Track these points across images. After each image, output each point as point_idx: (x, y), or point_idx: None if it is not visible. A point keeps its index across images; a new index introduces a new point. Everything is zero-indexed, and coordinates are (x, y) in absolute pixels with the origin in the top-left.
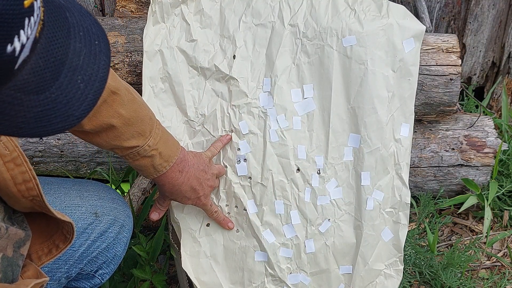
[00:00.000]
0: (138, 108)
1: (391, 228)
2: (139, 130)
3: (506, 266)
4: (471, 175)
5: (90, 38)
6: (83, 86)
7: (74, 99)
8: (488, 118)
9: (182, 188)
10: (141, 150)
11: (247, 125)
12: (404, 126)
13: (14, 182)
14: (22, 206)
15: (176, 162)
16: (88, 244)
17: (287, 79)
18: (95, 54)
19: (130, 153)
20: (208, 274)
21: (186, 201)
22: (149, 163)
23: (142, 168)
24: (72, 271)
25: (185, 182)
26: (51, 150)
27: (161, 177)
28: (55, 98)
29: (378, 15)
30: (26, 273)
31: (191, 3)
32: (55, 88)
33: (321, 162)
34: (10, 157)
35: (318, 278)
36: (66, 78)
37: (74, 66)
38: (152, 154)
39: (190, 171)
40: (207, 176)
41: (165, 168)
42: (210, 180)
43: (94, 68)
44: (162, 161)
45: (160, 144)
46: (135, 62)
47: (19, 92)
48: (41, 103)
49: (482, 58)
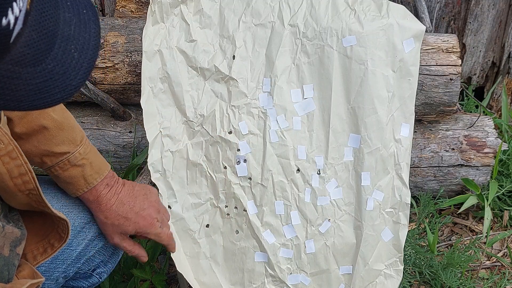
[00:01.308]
0: (69, 116)
1: (391, 228)
2: (70, 137)
3: (506, 266)
4: (471, 175)
5: (77, 7)
6: (77, 55)
7: (70, 69)
8: (488, 118)
9: (113, 204)
10: (71, 157)
11: (247, 126)
12: (404, 126)
13: (10, 175)
14: (18, 202)
15: (106, 176)
16: (85, 244)
17: (287, 79)
18: (85, 23)
19: (60, 162)
20: (208, 275)
21: (126, 223)
22: (79, 173)
23: (72, 180)
24: (69, 271)
25: (116, 197)
26: None
27: (91, 191)
28: (52, 69)
29: (378, 15)
30: (21, 272)
31: (190, 3)
32: (51, 59)
33: (321, 163)
34: (5, 151)
35: (318, 278)
36: (60, 48)
37: (67, 36)
38: (82, 163)
39: (120, 187)
40: (148, 196)
41: (95, 180)
42: (151, 202)
43: (86, 36)
44: (93, 172)
45: (90, 154)
46: (135, 62)
47: (16, 66)
48: (39, 75)
49: (482, 58)
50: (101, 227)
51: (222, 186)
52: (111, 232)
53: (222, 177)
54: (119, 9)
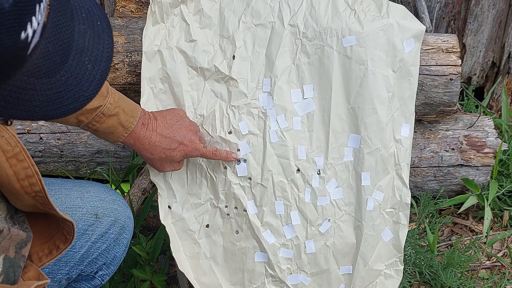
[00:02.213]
0: None
1: (391, 228)
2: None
3: (506, 266)
4: (471, 175)
5: (92, 19)
6: (91, 66)
7: (83, 80)
8: (488, 118)
9: (155, 140)
10: (104, 109)
11: (247, 126)
12: (404, 126)
13: (16, 177)
14: (24, 204)
15: (140, 116)
16: (88, 246)
17: (287, 80)
18: (99, 35)
19: (96, 116)
20: (208, 275)
21: (172, 153)
22: (116, 121)
23: (111, 129)
24: (72, 273)
25: (155, 132)
26: (51, 150)
27: (131, 135)
28: (66, 80)
29: (378, 15)
30: (27, 274)
31: (190, 3)
32: (65, 71)
33: (321, 163)
34: (13, 153)
35: (318, 278)
36: (74, 60)
37: (81, 48)
38: (116, 112)
39: (154, 123)
40: (181, 122)
41: (132, 124)
42: (187, 126)
43: (99, 48)
44: (127, 117)
45: (120, 101)
46: (135, 62)
47: (31, 77)
48: (53, 86)
49: (482, 58)
50: (150, 162)
51: (222, 186)
52: (160, 165)
53: (222, 177)
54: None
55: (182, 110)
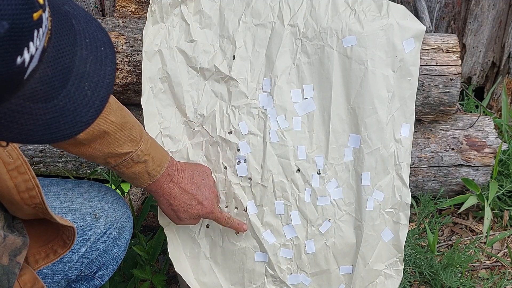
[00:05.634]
0: (126, 114)
1: (391, 228)
2: (131, 136)
3: (506, 266)
4: (471, 175)
5: (96, 44)
6: (90, 92)
7: (81, 106)
8: (488, 118)
9: (177, 192)
10: (134, 156)
11: (247, 126)
12: (404, 126)
13: (17, 190)
14: (24, 213)
15: (167, 166)
16: (87, 246)
17: (287, 80)
18: (101, 61)
19: (124, 161)
20: (208, 275)
21: (190, 209)
22: (143, 169)
23: (136, 175)
24: (71, 273)
25: (178, 185)
26: (51, 150)
27: (155, 183)
28: (63, 105)
29: (378, 15)
30: (22, 277)
31: (190, 3)
32: (63, 96)
33: (321, 163)
34: (14, 166)
35: (318, 278)
36: (74, 85)
37: (81, 74)
38: (145, 160)
39: (180, 175)
40: (206, 181)
41: (158, 173)
42: (210, 186)
43: (101, 74)
44: (155, 165)
45: (151, 149)
46: (135, 62)
47: (28, 101)
48: (50, 111)
49: (482, 58)
50: (166, 212)
51: (222, 186)
52: (175, 217)
53: (222, 177)
54: (119, 9)
55: (209, 169)
